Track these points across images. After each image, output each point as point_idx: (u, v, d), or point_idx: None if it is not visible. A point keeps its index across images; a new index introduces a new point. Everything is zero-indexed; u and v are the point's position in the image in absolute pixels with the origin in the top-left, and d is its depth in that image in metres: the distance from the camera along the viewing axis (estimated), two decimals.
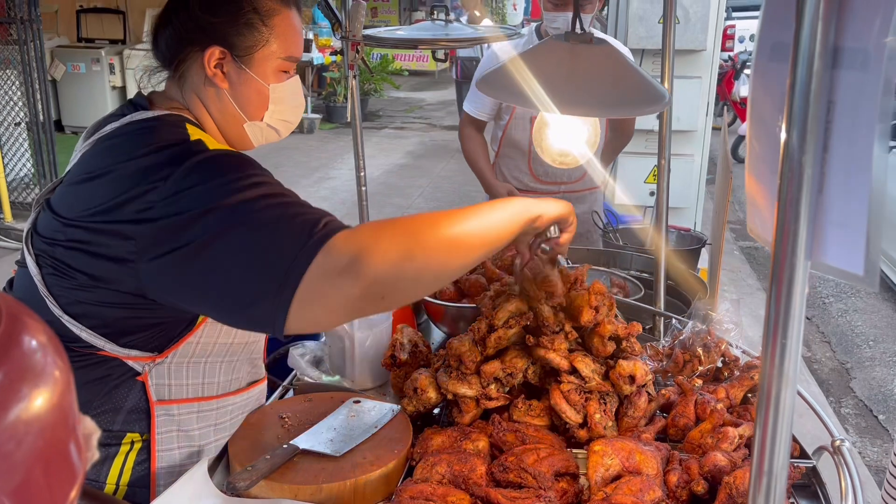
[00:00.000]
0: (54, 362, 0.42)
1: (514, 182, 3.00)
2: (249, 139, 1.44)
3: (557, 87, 1.37)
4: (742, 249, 6.70)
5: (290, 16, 1.38)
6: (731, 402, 1.58)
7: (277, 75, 1.39)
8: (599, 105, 1.46)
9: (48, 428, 0.40)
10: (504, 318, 1.49)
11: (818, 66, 0.66)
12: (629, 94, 1.47)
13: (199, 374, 1.39)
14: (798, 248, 0.70)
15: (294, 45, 1.40)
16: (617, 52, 1.50)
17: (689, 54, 4.61)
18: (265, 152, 9.16)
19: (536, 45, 1.61)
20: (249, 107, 1.39)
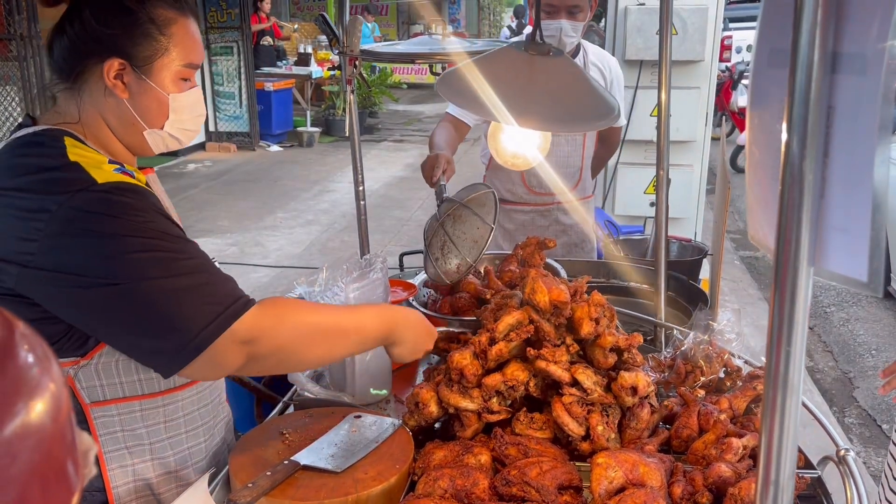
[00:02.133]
0: (50, 376, 0.42)
1: (507, 195, 2.94)
2: (149, 146, 1.44)
3: (515, 97, 1.38)
4: (743, 259, 6.69)
5: (187, 24, 1.39)
6: (734, 413, 1.57)
7: (177, 84, 1.39)
8: (553, 119, 1.49)
9: (44, 442, 0.40)
10: (505, 331, 1.48)
11: (817, 72, 0.66)
12: (581, 109, 1.49)
13: (132, 371, 1.36)
14: (800, 254, 0.70)
15: (193, 52, 1.40)
16: (572, 64, 1.51)
17: (687, 65, 4.63)
18: (266, 166, 9.20)
19: (495, 52, 1.60)
20: (149, 116, 1.39)
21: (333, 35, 2.07)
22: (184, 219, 5.33)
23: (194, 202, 8.37)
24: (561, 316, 1.49)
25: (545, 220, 2.97)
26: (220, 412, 1.59)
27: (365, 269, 1.71)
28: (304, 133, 11.56)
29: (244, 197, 8.62)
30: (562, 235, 2.98)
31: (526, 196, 2.92)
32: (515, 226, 2.98)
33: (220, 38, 10.64)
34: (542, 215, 2.97)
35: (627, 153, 4.87)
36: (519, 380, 1.49)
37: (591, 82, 1.56)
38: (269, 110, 11.23)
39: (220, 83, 10.85)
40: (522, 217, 2.97)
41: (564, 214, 2.97)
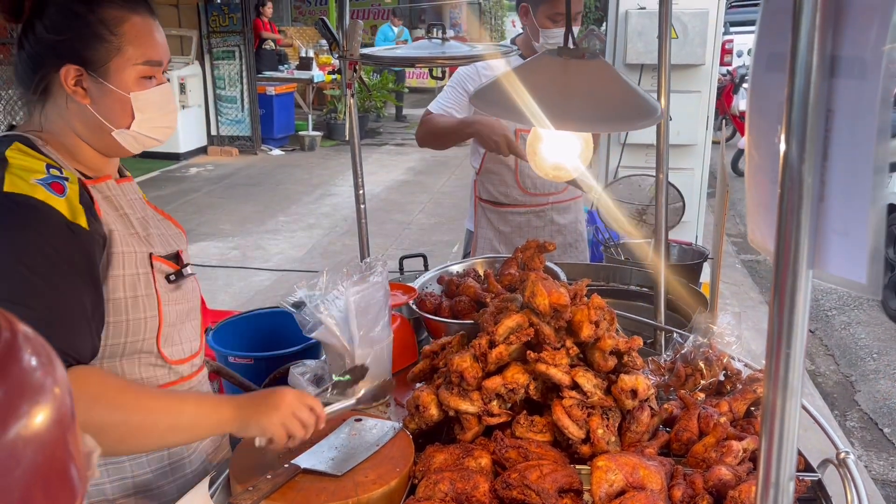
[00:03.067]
0: (53, 379, 0.42)
1: (500, 196, 2.93)
2: (125, 147, 1.43)
3: (550, 102, 1.37)
4: (744, 263, 6.68)
5: (139, 21, 1.37)
6: (734, 416, 1.57)
7: (139, 82, 1.38)
8: (592, 120, 1.47)
9: (47, 446, 0.40)
10: (505, 334, 1.49)
11: (816, 76, 0.66)
12: (622, 109, 1.48)
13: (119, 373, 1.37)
14: (800, 257, 0.70)
15: (150, 49, 1.38)
16: (609, 66, 1.51)
17: (688, 69, 4.63)
18: (268, 170, 9.19)
19: (529, 60, 1.61)
20: (113, 117, 1.38)
21: (333, 39, 2.07)
22: (185, 222, 5.37)
23: (196, 206, 8.38)
24: (561, 319, 1.49)
25: (540, 221, 2.98)
26: None
27: (365, 273, 1.71)
28: (305, 137, 11.58)
29: (246, 201, 8.63)
30: (557, 236, 3.00)
31: (521, 197, 2.93)
32: (511, 228, 2.98)
33: (223, 42, 10.66)
34: (538, 216, 2.97)
35: (628, 157, 4.88)
36: (519, 383, 1.49)
37: (629, 83, 1.56)
38: (270, 114, 11.25)
39: (223, 87, 10.87)
40: (518, 219, 2.97)
41: (559, 214, 2.99)
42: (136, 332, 1.41)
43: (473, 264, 2.31)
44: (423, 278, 2.21)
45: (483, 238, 3.02)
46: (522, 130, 2.66)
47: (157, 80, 1.42)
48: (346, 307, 1.67)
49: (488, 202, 3.00)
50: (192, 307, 1.57)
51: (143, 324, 1.41)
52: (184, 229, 1.65)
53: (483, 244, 3.02)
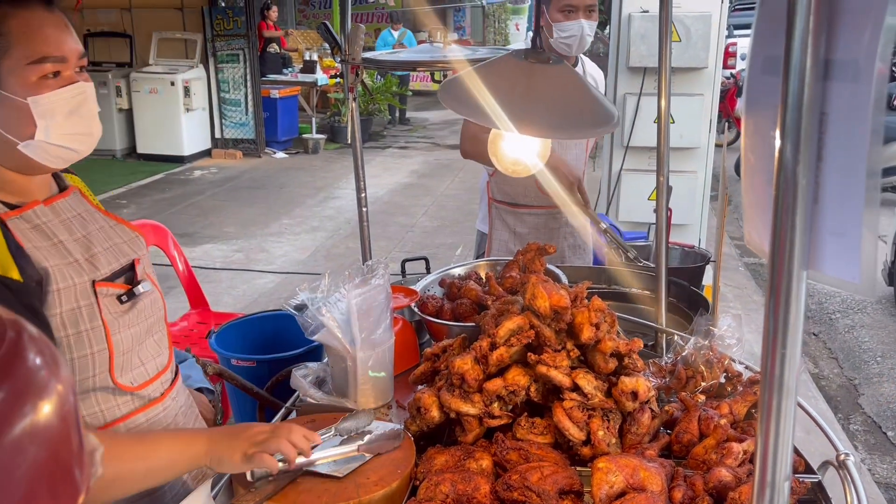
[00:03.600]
0: (57, 378, 0.42)
1: (518, 198, 2.92)
2: (39, 161, 1.28)
3: (515, 105, 1.39)
4: (747, 266, 6.68)
5: (26, 16, 1.22)
6: (734, 418, 1.57)
7: (37, 85, 1.23)
8: (553, 126, 1.49)
9: (51, 443, 0.41)
10: (506, 336, 1.49)
11: (810, 79, 0.67)
12: (582, 115, 1.50)
13: None
14: (795, 258, 0.70)
15: (43, 44, 1.22)
16: (571, 72, 1.53)
17: (691, 72, 4.63)
18: (271, 173, 9.21)
19: (495, 60, 1.62)
20: (14, 128, 1.24)
21: (335, 43, 2.09)
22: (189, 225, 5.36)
23: (200, 209, 8.41)
24: (561, 321, 1.50)
25: (556, 223, 2.95)
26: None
27: (367, 276, 1.72)
28: (309, 140, 11.60)
29: (250, 203, 8.65)
30: (569, 238, 2.98)
31: (538, 199, 2.88)
32: (528, 229, 2.95)
33: (227, 45, 10.70)
34: (554, 217, 2.94)
35: (631, 160, 4.88)
36: (520, 385, 1.49)
37: (591, 90, 1.58)
38: (274, 117, 11.28)
39: (227, 90, 10.90)
40: (535, 220, 2.95)
41: (574, 217, 2.93)
42: (83, 371, 1.30)
43: (475, 267, 2.32)
44: (425, 281, 2.22)
45: (498, 240, 2.98)
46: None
47: (66, 80, 1.26)
48: (347, 310, 1.68)
49: (503, 203, 2.97)
50: (153, 321, 1.47)
51: (90, 360, 1.30)
52: (142, 232, 1.55)
53: (498, 246, 2.99)
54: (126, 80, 10.34)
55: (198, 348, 3.24)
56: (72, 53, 1.27)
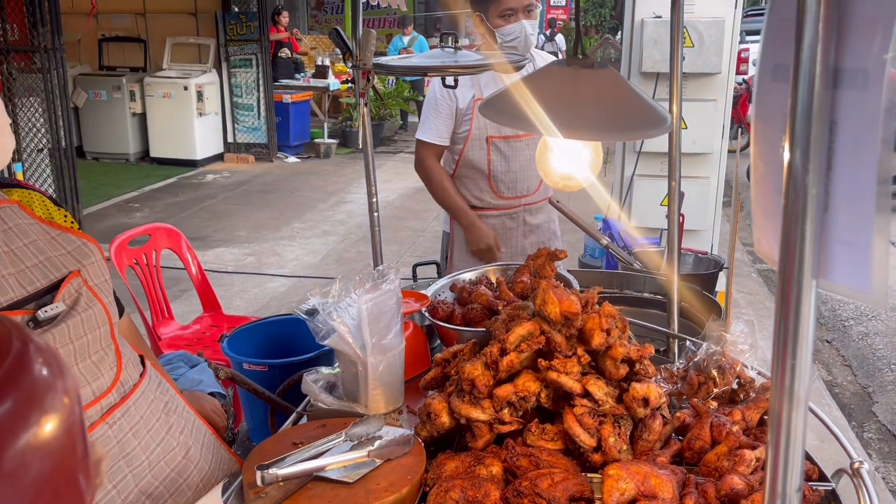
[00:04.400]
0: (63, 389, 0.43)
1: (474, 200, 3.07)
2: None
3: (559, 111, 1.38)
4: (759, 272, 6.64)
5: None
6: (747, 425, 1.56)
7: None
8: (601, 129, 1.48)
9: (56, 454, 0.41)
10: (516, 342, 1.49)
11: (819, 87, 0.67)
12: (632, 118, 1.48)
13: None
14: (804, 267, 0.70)
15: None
16: (618, 76, 1.52)
17: (703, 77, 4.62)
18: (283, 177, 9.26)
19: (539, 70, 1.62)
20: None
21: (347, 49, 2.10)
22: (202, 229, 5.38)
23: (212, 212, 8.46)
24: (572, 327, 1.50)
25: (513, 222, 3.12)
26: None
27: (378, 281, 1.72)
28: (321, 145, 11.65)
29: (262, 207, 8.69)
30: (530, 236, 3.15)
31: (493, 201, 3.06)
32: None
33: (240, 50, 10.77)
34: (511, 218, 3.11)
35: (643, 165, 4.87)
36: (530, 391, 1.49)
37: (639, 92, 1.57)
38: (286, 122, 11.33)
39: (239, 95, 10.97)
40: (493, 221, 3.10)
41: (531, 215, 3.13)
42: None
43: (486, 272, 2.32)
44: (436, 286, 2.22)
45: (459, 239, 3.15)
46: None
47: None
48: (358, 314, 1.68)
49: None
50: (85, 342, 1.36)
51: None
52: (94, 240, 1.47)
53: (460, 246, 3.14)
54: (140, 85, 10.43)
55: (210, 351, 3.25)
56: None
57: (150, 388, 1.54)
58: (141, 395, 1.50)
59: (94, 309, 1.38)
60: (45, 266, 1.35)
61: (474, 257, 3.04)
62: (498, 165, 2.99)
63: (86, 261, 1.41)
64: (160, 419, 1.54)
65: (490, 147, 2.96)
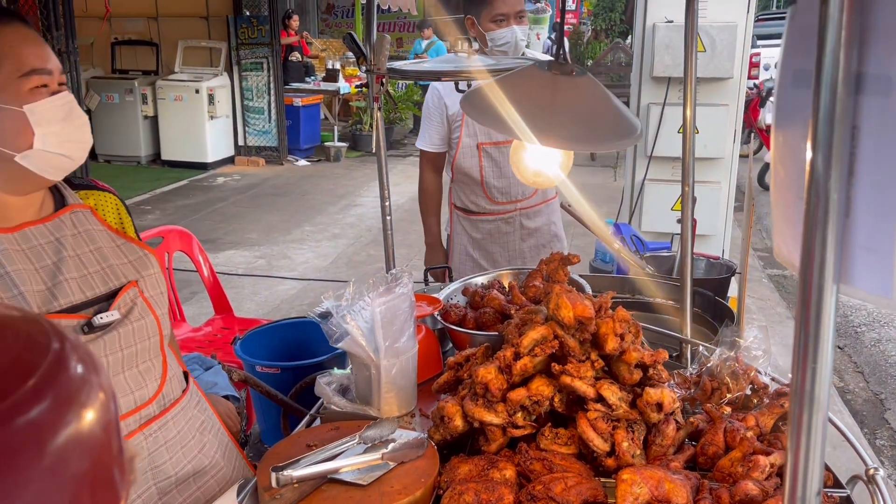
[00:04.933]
0: (99, 386, 0.44)
1: (471, 205, 3.12)
2: (38, 173, 1.30)
3: (536, 117, 1.40)
4: (771, 277, 6.61)
5: (11, 32, 1.27)
6: (761, 431, 1.56)
7: (30, 94, 1.27)
8: (575, 139, 1.51)
9: (94, 450, 0.42)
10: (530, 346, 1.49)
11: (841, 93, 0.67)
12: (603, 128, 1.50)
13: None
14: (826, 272, 0.70)
15: (29, 57, 1.27)
16: (595, 83, 1.53)
17: (715, 82, 4.60)
18: (294, 180, 9.27)
19: (518, 71, 1.63)
20: (10, 139, 1.26)
21: (361, 53, 2.10)
22: (212, 231, 5.41)
23: (223, 215, 8.49)
24: (585, 331, 1.50)
25: (509, 227, 3.14)
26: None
27: (391, 284, 1.73)
28: (331, 148, 11.68)
29: (272, 210, 8.72)
30: (528, 238, 3.16)
31: (488, 206, 3.09)
32: (482, 234, 3.15)
33: (251, 53, 10.82)
34: (507, 222, 3.13)
35: (655, 170, 4.86)
36: (544, 395, 1.49)
37: (614, 102, 1.58)
38: (297, 125, 11.37)
39: (250, 98, 11.02)
40: (488, 226, 3.13)
41: (528, 219, 3.15)
42: None
43: (498, 276, 2.32)
44: (448, 289, 2.22)
45: (458, 243, 3.21)
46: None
47: (52, 89, 1.30)
48: (372, 318, 1.69)
49: (461, 210, 3.18)
50: (137, 351, 1.41)
51: None
52: (155, 252, 1.53)
53: (459, 249, 3.21)
54: (152, 88, 10.49)
55: (222, 353, 3.27)
56: (55, 67, 1.32)
57: (189, 405, 1.58)
58: (180, 411, 1.54)
59: (147, 320, 1.43)
60: (106, 273, 1.39)
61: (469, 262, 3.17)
62: (490, 172, 3.02)
63: (144, 272, 1.45)
64: (195, 437, 1.57)
65: (481, 154, 3.00)
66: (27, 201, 1.36)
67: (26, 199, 1.35)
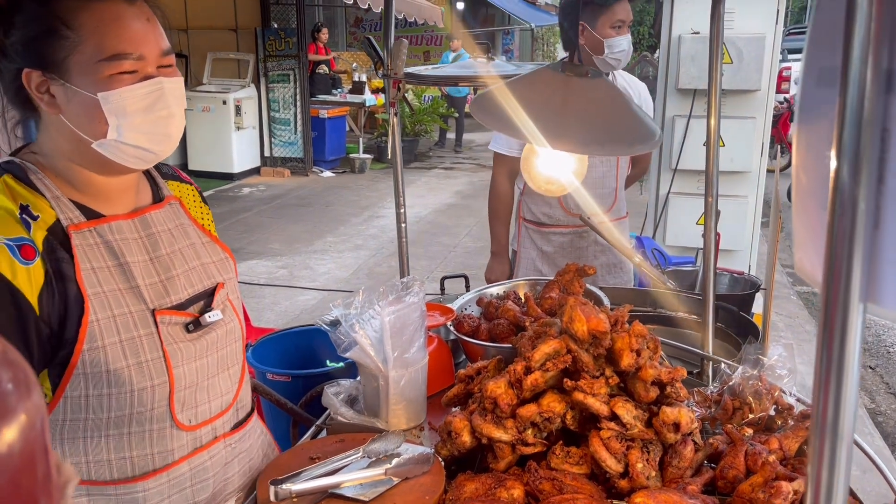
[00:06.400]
0: (24, 402, 0.40)
1: (543, 217, 2.99)
2: (117, 162, 1.22)
3: (548, 120, 1.34)
4: (800, 294, 6.46)
5: (101, 8, 1.16)
6: (784, 454, 1.48)
7: (109, 81, 1.16)
8: (589, 142, 1.43)
9: (13, 473, 0.38)
10: (541, 360, 1.44)
11: (870, 92, 0.61)
12: (620, 131, 1.44)
13: (80, 451, 1.23)
14: (851, 289, 0.64)
15: (117, 40, 1.16)
16: (611, 86, 1.47)
17: (742, 94, 4.53)
18: (318, 191, 9.33)
19: (530, 73, 1.57)
20: (84, 125, 1.18)
21: (378, 58, 2.08)
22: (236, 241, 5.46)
23: (247, 225, 8.53)
24: (600, 346, 1.44)
25: (584, 242, 3.00)
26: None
27: (402, 293, 1.68)
28: (356, 159, 11.72)
29: (296, 221, 8.74)
30: (601, 256, 3.02)
31: (563, 218, 2.97)
32: (554, 248, 3.01)
33: (278, 65, 10.91)
34: (581, 237, 2.99)
35: (679, 183, 4.78)
36: (555, 411, 1.44)
37: (631, 105, 1.52)
38: (322, 137, 11.44)
39: (277, 109, 11.10)
40: (561, 239, 2.99)
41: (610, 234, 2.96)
42: (141, 403, 1.24)
43: (514, 286, 2.27)
44: (462, 300, 2.18)
45: (526, 258, 3.06)
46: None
47: (141, 77, 1.19)
48: (381, 327, 1.64)
49: (532, 222, 3.04)
50: (227, 353, 1.40)
51: (149, 393, 1.24)
52: (232, 253, 1.51)
53: (526, 264, 3.06)
54: None
55: None
56: (151, 50, 1.20)
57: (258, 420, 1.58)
58: (256, 423, 1.55)
59: (234, 322, 1.42)
60: (201, 271, 1.37)
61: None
62: None
63: (226, 275, 1.44)
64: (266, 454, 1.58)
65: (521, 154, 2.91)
66: (124, 183, 1.29)
67: (123, 180, 1.29)
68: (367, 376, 1.71)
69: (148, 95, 1.20)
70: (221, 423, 1.41)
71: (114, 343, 1.20)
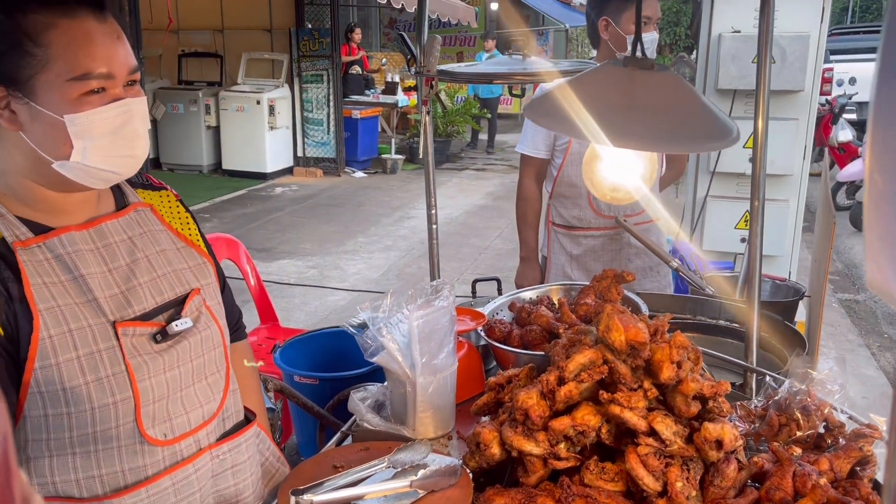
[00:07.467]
0: None
1: (573, 220, 2.89)
2: (79, 182, 1.18)
3: (612, 116, 1.24)
4: (841, 302, 6.27)
5: (71, 26, 1.12)
6: (835, 476, 1.39)
7: (78, 102, 1.13)
8: (657, 139, 1.32)
9: None
10: (576, 371, 1.37)
11: None
12: (691, 128, 1.33)
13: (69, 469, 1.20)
14: None
15: (87, 59, 1.12)
16: (680, 80, 1.37)
17: (785, 95, 4.38)
18: (350, 192, 9.36)
19: (592, 70, 1.48)
20: (49, 146, 1.14)
21: (411, 54, 2.03)
22: (268, 240, 5.44)
23: (279, 224, 8.57)
24: (638, 357, 1.36)
25: (616, 244, 2.90)
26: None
27: (431, 297, 1.63)
28: (388, 160, 11.72)
29: (327, 221, 8.75)
30: (635, 259, 2.90)
31: (594, 221, 2.87)
32: (583, 250, 2.91)
33: (311, 66, 10.96)
34: (612, 239, 2.89)
35: (718, 186, 4.65)
36: (590, 425, 1.36)
37: (703, 100, 1.42)
38: (355, 137, 11.46)
39: (310, 110, 11.15)
40: (592, 242, 2.90)
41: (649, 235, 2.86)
42: (104, 420, 1.19)
43: (548, 291, 2.19)
44: (494, 304, 2.11)
45: (555, 264, 2.97)
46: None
47: (110, 98, 1.16)
48: (409, 331, 1.59)
49: (560, 226, 2.95)
50: (205, 362, 1.34)
51: (111, 410, 1.19)
52: (210, 258, 1.45)
53: (555, 269, 2.97)
54: (215, 99, 10.73)
55: (265, 364, 3.22)
56: (121, 69, 1.17)
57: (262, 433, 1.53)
58: (254, 435, 1.49)
59: (212, 329, 1.37)
60: (172, 278, 1.33)
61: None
62: None
63: (203, 280, 1.39)
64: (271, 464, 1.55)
65: (565, 156, 2.80)
66: (81, 197, 1.25)
67: (80, 195, 1.25)
68: (394, 382, 1.66)
69: (116, 118, 1.17)
70: (206, 435, 1.35)
71: (70, 360, 1.16)
